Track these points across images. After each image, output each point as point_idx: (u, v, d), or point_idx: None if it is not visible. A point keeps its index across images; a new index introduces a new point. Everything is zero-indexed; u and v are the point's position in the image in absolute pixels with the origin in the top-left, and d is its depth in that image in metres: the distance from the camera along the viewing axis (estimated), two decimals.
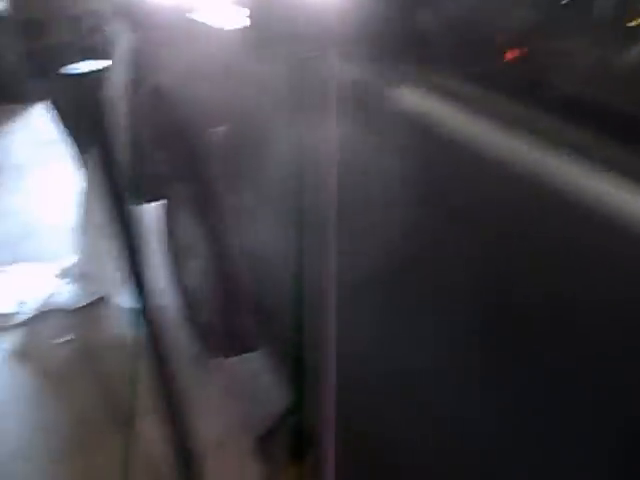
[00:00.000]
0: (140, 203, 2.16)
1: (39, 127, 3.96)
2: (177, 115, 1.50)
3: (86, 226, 2.31)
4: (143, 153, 1.99)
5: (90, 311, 2.40)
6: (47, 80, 2.34)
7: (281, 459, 1.72)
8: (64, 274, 2.49)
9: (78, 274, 2.42)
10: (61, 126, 2.49)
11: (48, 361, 2.20)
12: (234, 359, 1.97)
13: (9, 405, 2.07)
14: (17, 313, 2.39)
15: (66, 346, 2.26)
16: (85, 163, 2.47)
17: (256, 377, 2.05)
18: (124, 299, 2.34)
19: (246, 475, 1.76)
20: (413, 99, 0.86)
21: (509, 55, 0.90)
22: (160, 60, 1.63)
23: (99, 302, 2.42)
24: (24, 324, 2.37)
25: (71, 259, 2.49)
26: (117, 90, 1.95)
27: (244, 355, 1.92)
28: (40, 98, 2.77)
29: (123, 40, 1.96)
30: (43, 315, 2.39)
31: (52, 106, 2.44)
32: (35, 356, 2.24)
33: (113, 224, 1.06)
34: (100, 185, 2.15)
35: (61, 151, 3.47)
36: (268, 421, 1.87)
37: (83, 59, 2.25)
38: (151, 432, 1.92)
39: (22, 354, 2.25)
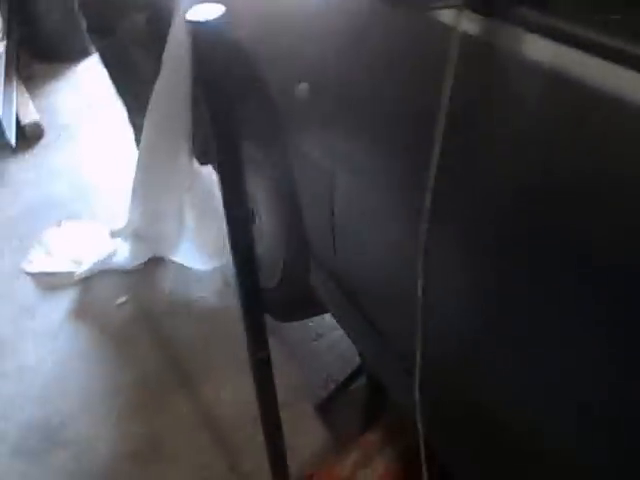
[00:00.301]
0: (202, 163, 2.12)
1: (84, 86, 3.93)
2: (254, 70, 1.44)
3: (141, 186, 2.27)
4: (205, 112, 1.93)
5: (146, 272, 2.39)
6: (101, 37, 2.28)
7: (349, 424, 1.71)
8: (117, 234, 2.48)
9: (133, 234, 2.40)
10: (113, 85, 2.44)
11: (107, 321, 2.21)
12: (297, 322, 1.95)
13: (71, 363, 2.08)
14: (74, 272, 2.38)
15: (124, 307, 2.26)
16: (136, 122, 2.43)
17: (319, 340, 2.03)
18: (181, 260, 2.33)
19: (310, 439, 1.74)
20: (544, 50, 0.79)
21: None
22: (233, 10, 1.55)
23: (155, 263, 2.40)
24: (81, 283, 2.37)
25: (123, 219, 2.47)
26: (180, 45, 1.89)
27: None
28: (95, 55, 2.72)
29: None
30: (99, 275, 2.39)
31: (104, 64, 2.39)
32: (94, 316, 2.24)
33: (220, 183, 1.00)
34: (158, 144, 2.13)
35: (108, 110, 3.45)
36: (332, 384, 1.84)
37: (143, 14, 2.21)
38: (213, 394, 1.92)
39: (81, 314, 2.26)
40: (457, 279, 1.00)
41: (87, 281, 2.37)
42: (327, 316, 1.91)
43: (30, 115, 3.46)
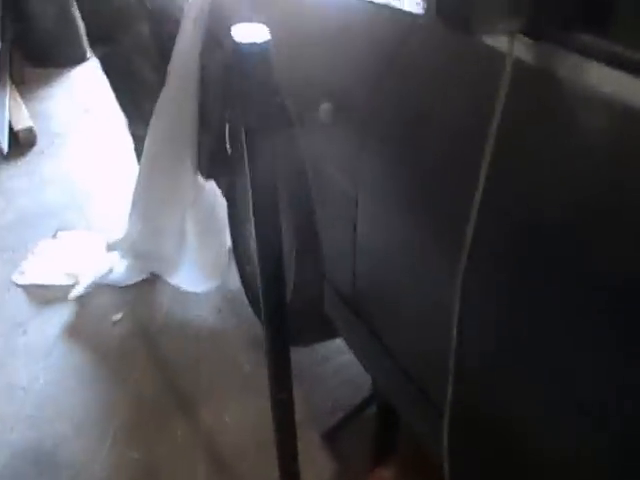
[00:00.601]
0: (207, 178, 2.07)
1: (79, 92, 3.86)
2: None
3: (142, 199, 2.20)
4: (212, 126, 1.88)
5: (143, 288, 2.32)
6: (104, 46, 2.21)
7: (358, 455, 1.65)
8: (114, 247, 2.41)
9: (130, 249, 2.33)
10: (114, 94, 2.37)
11: (102, 339, 2.13)
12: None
13: (64, 382, 2.00)
14: (70, 287, 2.30)
15: (120, 324, 2.18)
16: (137, 132, 2.37)
17: (324, 365, 1.97)
18: (178, 283, 2.25)
19: (317, 470, 1.68)
20: (606, 78, 0.74)
21: None
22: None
23: (152, 279, 2.33)
24: (75, 298, 2.29)
25: (120, 231, 2.40)
26: (187, 57, 1.84)
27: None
28: (91, 60, 2.66)
29: (194, 1, 1.84)
30: (94, 290, 2.31)
31: (106, 73, 2.32)
32: (88, 333, 2.16)
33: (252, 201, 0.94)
34: (161, 157, 2.07)
35: (104, 118, 3.39)
36: (339, 412, 1.78)
37: (146, 22, 2.16)
38: (213, 417, 1.85)
39: (75, 330, 2.17)
40: (495, 315, 0.95)
41: (82, 296, 2.29)
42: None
43: (23, 121, 3.38)
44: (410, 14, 0.98)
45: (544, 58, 0.78)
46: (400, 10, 1.00)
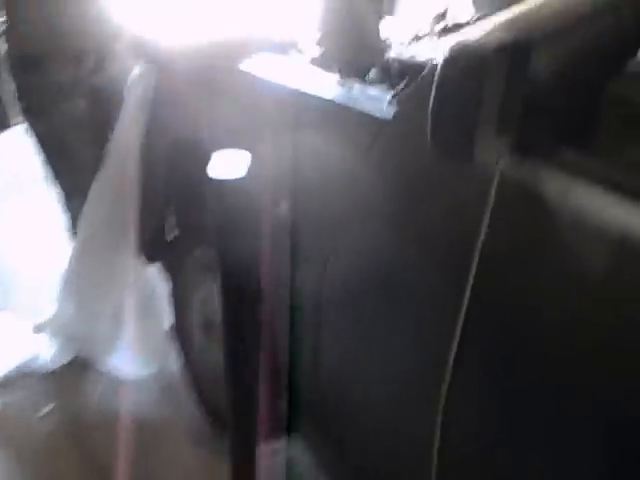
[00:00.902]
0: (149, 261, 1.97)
1: (3, 161, 3.69)
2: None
3: (76, 279, 2.08)
4: (155, 210, 1.81)
5: (74, 375, 2.15)
6: (39, 119, 2.12)
7: None
8: (42, 328, 2.25)
9: (59, 330, 2.18)
10: (49, 168, 2.26)
11: (28, 438, 1.93)
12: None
13: None
14: None
15: (47, 418, 2.00)
16: (72, 208, 2.26)
17: (274, 456, 1.86)
18: (112, 370, 2.11)
19: None
20: (596, 201, 0.72)
21: None
22: (190, 110, 1.46)
23: (84, 363, 2.17)
24: None
25: (49, 312, 2.24)
26: (128, 139, 1.77)
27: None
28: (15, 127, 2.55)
29: (137, 83, 1.79)
30: (17, 380, 2.12)
31: (41, 146, 2.21)
32: (11, 432, 1.96)
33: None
34: (98, 238, 1.97)
35: (30, 189, 3.22)
36: None
37: (84, 99, 2.09)
38: None
39: None
40: (479, 436, 0.90)
41: (2, 388, 2.09)
42: None
43: None
44: (378, 119, 0.96)
45: (531, 177, 0.75)
46: (368, 114, 0.98)
